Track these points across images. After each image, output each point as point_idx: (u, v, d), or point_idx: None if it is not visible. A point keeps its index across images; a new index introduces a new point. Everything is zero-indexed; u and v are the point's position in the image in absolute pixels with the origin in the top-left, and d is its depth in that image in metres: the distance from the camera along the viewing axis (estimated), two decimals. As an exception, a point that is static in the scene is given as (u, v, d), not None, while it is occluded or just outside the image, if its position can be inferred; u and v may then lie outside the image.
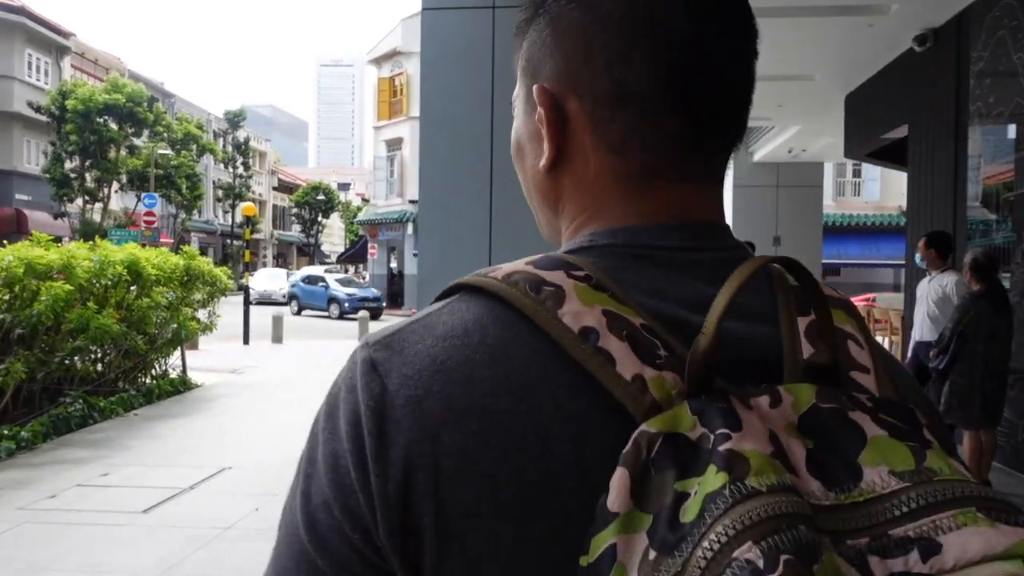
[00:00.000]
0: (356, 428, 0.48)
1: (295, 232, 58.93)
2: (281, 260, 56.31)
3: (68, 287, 7.24)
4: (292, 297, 28.89)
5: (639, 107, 0.53)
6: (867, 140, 9.00)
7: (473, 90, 5.45)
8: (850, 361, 0.49)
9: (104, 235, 18.71)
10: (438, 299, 0.54)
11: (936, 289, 5.69)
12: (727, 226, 0.57)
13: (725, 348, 0.46)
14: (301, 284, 28.85)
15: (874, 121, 8.49)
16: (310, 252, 57.31)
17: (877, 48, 7.54)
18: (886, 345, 10.54)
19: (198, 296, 10.26)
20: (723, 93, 0.55)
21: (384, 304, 27.69)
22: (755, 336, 0.50)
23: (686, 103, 0.53)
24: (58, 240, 8.23)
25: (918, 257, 5.92)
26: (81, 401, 7.61)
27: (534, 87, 0.57)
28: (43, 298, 7.05)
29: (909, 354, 6.17)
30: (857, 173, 29.50)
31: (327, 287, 27.40)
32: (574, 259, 0.51)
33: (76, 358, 7.95)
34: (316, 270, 41.01)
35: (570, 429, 0.45)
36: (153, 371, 9.63)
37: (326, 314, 26.66)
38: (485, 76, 5.41)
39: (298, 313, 27.66)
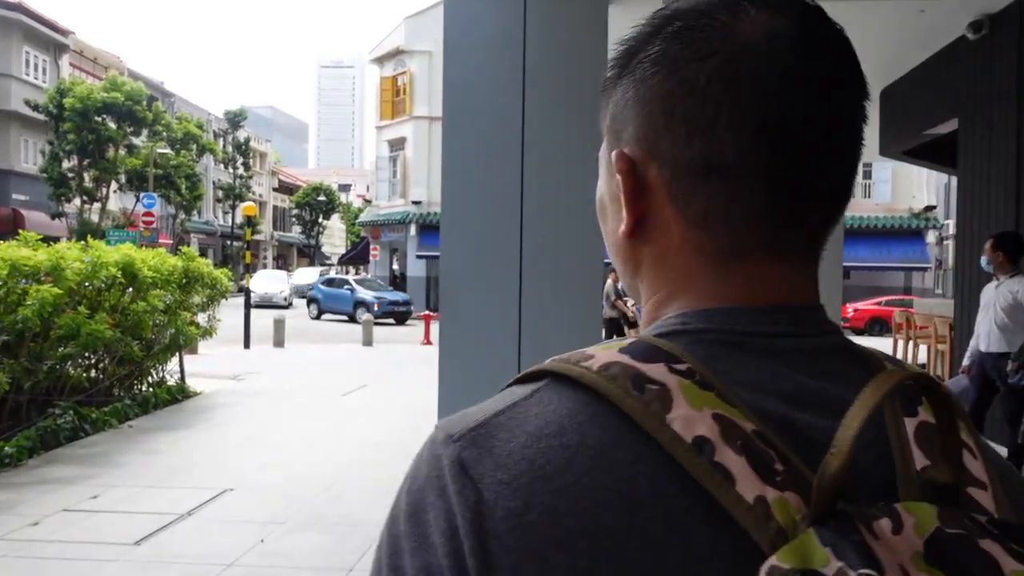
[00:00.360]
0: (454, 542, 0.43)
1: (295, 233, 58.60)
2: (281, 261, 55.95)
3: (57, 290, 6.71)
4: (312, 301, 27.45)
5: (724, 181, 0.49)
6: (907, 136, 8.51)
7: (502, 78, 4.96)
8: (966, 475, 0.44)
9: (102, 236, 18.29)
10: (518, 382, 0.50)
11: (1005, 295, 5.19)
12: (822, 306, 0.52)
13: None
14: (322, 287, 27.51)
15: (916, 116, 8.00)
16: (311, 253, 56.98)
17: (925, 36, 7.06)
18: (932, 355, 10.03)
19: (197, 299, 9.76)
20: (822, 167, 0.50)
21: (413, 308, 26.21)
22: (860, 440, 0.43)
23: (777, 179, 0.49)
24: (47, 241, 7.70)
25: (984, 260, 5.42)
26: (72, 412, 7.10)
27: (613, 152, 0.54)
28: (30, 302, 6.53)
29: (965, 362, 5.69)
30: (867, 175, 29.02)
31: (353, 290, 26.03)
32: (670, 347, 0.47)
33: (68, 364, 7.44)
34: (312, 273, 40.60)
35: (684, 552, 0.41)
36: (149, 378, 9.13)
37: (351, 319, 25.04)
38: (516, 62, 4.92)
39: (318, 317, 26.39)
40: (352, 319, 24.80)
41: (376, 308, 24.51)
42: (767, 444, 0.43)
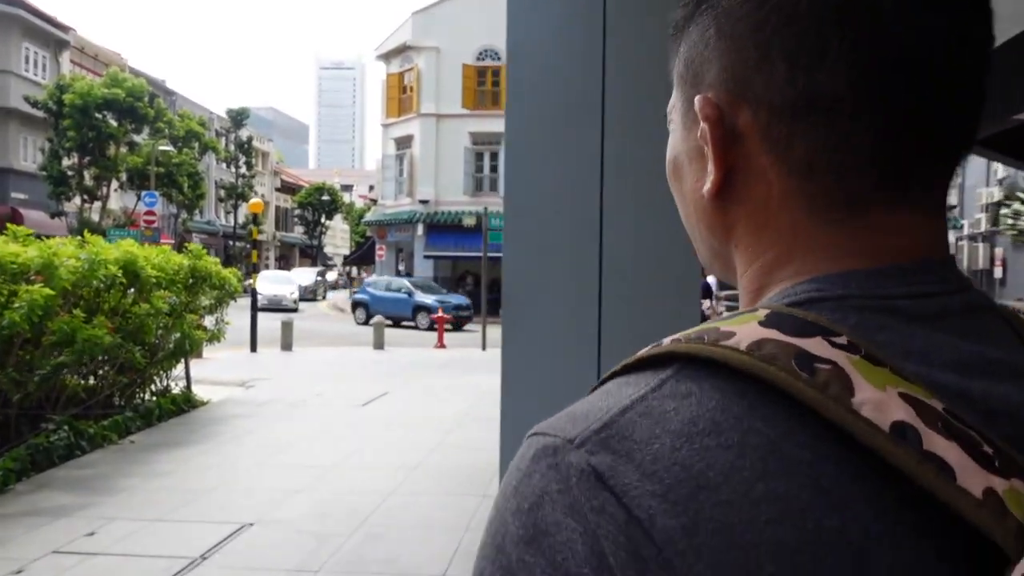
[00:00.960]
0: (602, 572, 0.34)
1: (297, 234, 58.03)
2: (283, 262, 55.32)
3: (48, 291, 5.92)
4: (358, 304, 25.65)
5: (835, 118, 0.43)
6: (990, 121, 7.75)
7: (578, 35, 4.18)
8: None
9: (103, 235, 17.53)
10: (630, 369, 0.42)
11: None
12: (953, 258, 0.46)
13: (1017, 422, 0.38)
14: (371, 290, 25.82)
15: (1003, 97, 7.24)
16: (313, 254, 56.41)
17: (1018, 7, 6.32)
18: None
19: (205, 301, 9.00)
20: (949, 96, 0.43)
21: (473, 312, 24.52)
22: None
23: (899, 112, 0.42)
24: (39, 236, 6.93)
25: None
26: (66, 427, 6.34)
27: (696, 97, 0.47)
28: (18, 304, 5.75)
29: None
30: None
31: (411, 294, 24.40)
32: (815, 318, 0.40)
33: (63, 374, 6.67)
34: (310, 273, 39.70)
35: (891, 566, 0.34)
36: (152, 387, 8.36)
37: (396, 324, 23.29)
38: (595, 11, 4.14)
39: (366, 322, 24.17)
40: (415, 325, 23.25)
41: (440, 313, 22.95)
42: (963, 424, 0.37)
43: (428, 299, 24.09)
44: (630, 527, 0.35)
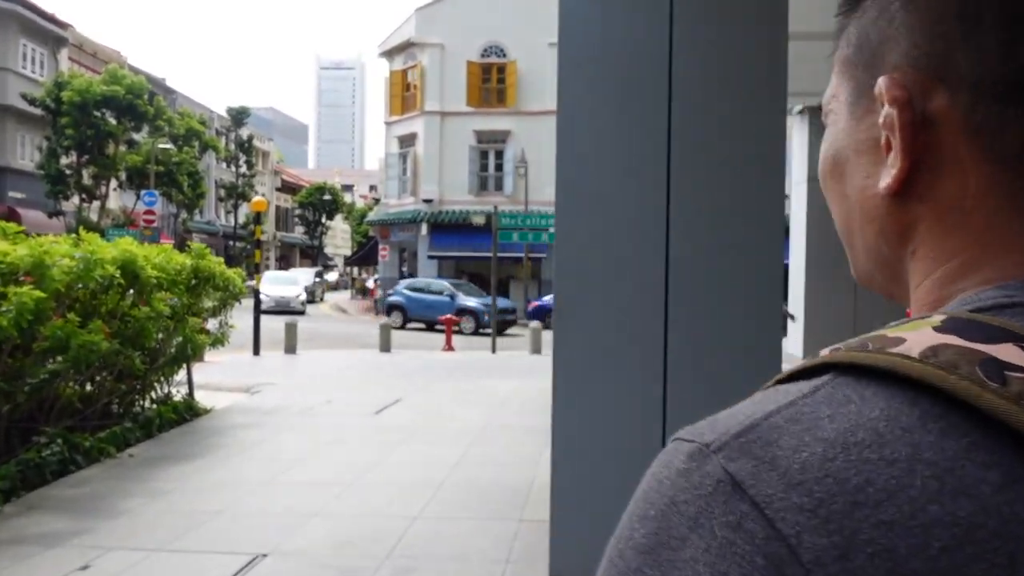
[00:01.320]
0: None
1: (298, 234, 57.64)
2: (284, 262, 54.91)
3: (39, 293, 5.43)
4: (394, 307, 24.39)
5: None
6: None
7: (640, 30, 3.67)
8: None
9: (102, 234, 17.07)
10: (780, 382, 0.38)
11: None
12: None
13: None
14: (407, 291, 24.66)
15: None
16: (313, 254, 56.04)
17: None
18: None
19: (208, 303, 8.52)
20: None
21: (517, 316, 23.40)
22: None
23: None
24: (28, 234, 6.44)
25: None
26: (60, 441, 5.86)
27: (881, 79, 0.42)
28: (5, 308, 5.26)
29: None
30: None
31: (453, 297, 23.36)
32: (1003, 323, 0.36)
33: (56, 382, 6.18)
34: (308, 273, 39.09)
35: None
36: (152, 394, 7.87)
37: (429, 327, 22.58)
38: (661, 9, 3.63)
39: (403, 326, 23.50)
40: (458, 329, 22.04)
41: (486, 317, 21.75)
42: None
43: (471, 301, 23.14)
44: (772, 544, 0.31)
